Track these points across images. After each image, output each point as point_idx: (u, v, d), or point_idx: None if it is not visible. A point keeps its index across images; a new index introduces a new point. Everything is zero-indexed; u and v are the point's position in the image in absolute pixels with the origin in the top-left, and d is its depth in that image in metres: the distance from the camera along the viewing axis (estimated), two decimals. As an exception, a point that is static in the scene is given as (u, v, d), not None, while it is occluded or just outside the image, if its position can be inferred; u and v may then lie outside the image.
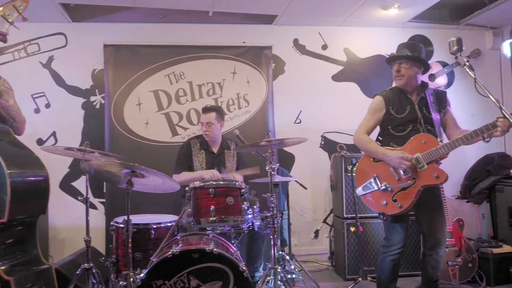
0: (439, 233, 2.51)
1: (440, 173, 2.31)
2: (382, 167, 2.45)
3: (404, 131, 2.46)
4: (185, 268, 2.15)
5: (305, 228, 4.19)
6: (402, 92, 2.55)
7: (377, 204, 2.46)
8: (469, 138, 2.23)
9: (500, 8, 3.99)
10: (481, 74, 4.38)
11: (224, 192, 2.46)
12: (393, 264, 2.49)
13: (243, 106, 3.98)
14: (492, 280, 3.29)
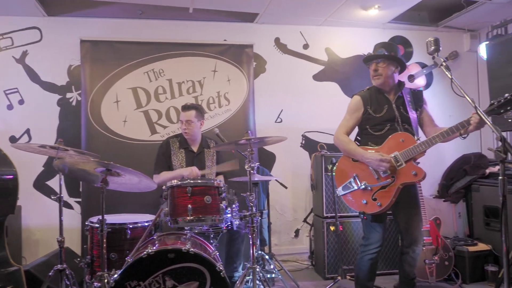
0: (416, 231, 2.53)
1: (418, 171, 2.34)
2: (361, 166, 2.46)
3: (382, 130, 2.48)
4: (160, 268, 2.10)
5: (286, 228, 4.17)
6: (380, 91, 2.57)
7: (357, 204, 2.47)
8: (445, 135, 2.27)
9: (477, 11, 4.06)
10: (458, 76, 4.45)
11: (201, 191, 2.41)
12: (371, 263, 2.51)
13: (224, 105, 3.94)
14: (468, 278, 3.34)
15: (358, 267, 2.58)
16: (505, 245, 1.91)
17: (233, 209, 2.61)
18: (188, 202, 2.37)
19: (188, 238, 2.39)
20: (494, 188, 3.58)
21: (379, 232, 2.48)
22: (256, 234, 3.08)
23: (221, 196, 2.49)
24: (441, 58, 2.25)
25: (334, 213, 3.51)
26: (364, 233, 2.57)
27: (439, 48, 2.26)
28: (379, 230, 2.48)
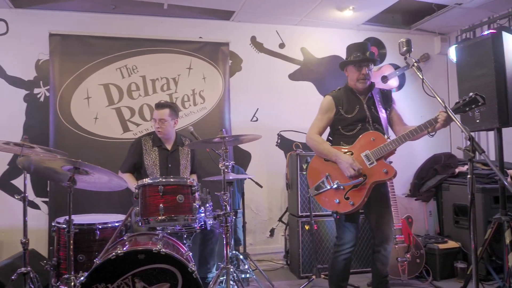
0: (387, 229, 2.56)
1: (389, 169, 2.36)
2: (333, 166, 2.45)
3: (354, 130, 2.49)
4: (130, 270, 2.02)
5: (261, 227, 4.14)
6: (352, 91, 2.57)
7: (330, 203, 2.45)
8: (414, 133, 2.30)
9: (447, 15, 4.16)
10: (429, 77, 4.55)
11: (174, 190, 2.35)
12: (345, 263, 2.51)
13: (199, 103, 3.87)
14: (438, 275, 3.41)
15: (332, 266, 2.57)
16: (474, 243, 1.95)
17: (207, 209, 2.56)
18: (160, 201, 2.30)
19: (159, 239, 2.32)
20: (463, 187, 3.67)
21: (352, 232, 2.48)
22: (230, 234, 3.04)
23: (194, 195, 2.43)
24: (413, 58, 2.29)
25: (309, 212, 3.51)
26: (338, 233, 2.56)
27: (411, 49, 2.29)
28: (352, 230, 2.48)
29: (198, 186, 2.49)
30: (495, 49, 2.85)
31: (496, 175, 3.51)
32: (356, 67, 2.50)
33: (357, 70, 2.50)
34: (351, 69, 2.54)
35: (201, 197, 2.51)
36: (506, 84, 2.81)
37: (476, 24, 4.25)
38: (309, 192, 2.52)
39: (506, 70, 2.83)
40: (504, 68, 2.82)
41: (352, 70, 2.53)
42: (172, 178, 2.42)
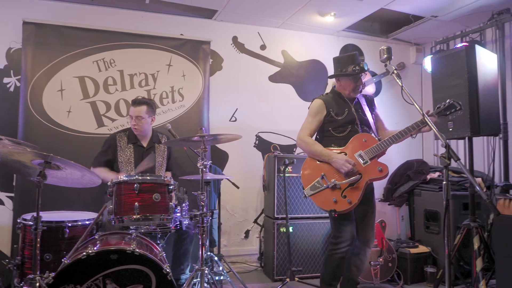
0: (370, 231, 2.60)
1: (383, 167, 2.44)
2: (327, 166, 2.48)
3: (344, 132, 2.55)
4: (101, 270, 1.92)
5: (236, 228, 4.08)
6: (340, 95, 2.64)
7: (327, 202, 2.44)
8: (404, 134, 2.41)
9: (423, 27, 4.26)
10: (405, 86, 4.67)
11: (150, 188, 2.26)
12: (340, 261, 2.49)
13: (177, 100, 3.78)
14: (409, 279, 3.46)
15: (326, 264, 2.56)
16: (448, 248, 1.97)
17: (183, 208, 2.48)
18: (135, 199, 2.20)
19: (133, 238, 2.22)
20: (434, 193, 3.76)
21: (349, 231, 2.48)
22: (206, 235, 2.97)
23: (171, 195, 2.35)
24: (393, 66, 2.32)
25: (285, 215, 3.48)
26: (334, 231, 2.54)
27: (391, 57, 2.33)
28: (350, 228, 2.49)
29: (175, 185, 2.41)
30: (468, 61, 2.94)
31: (466, 182, 3.62)
32: (352, 79, 2.57)
33: (353, 82, 2.58)
34: (346, 80, 2.59)
35: (178, 196, 2.44)
36: (478, 95, 2.90)
37: (449, 37, 4.38)
38: (304, 193, 2.50)
39: (478, 82, 2.92)
40: (476, 80, 2.91)
41: (348, 81, 2.59)
42: (149, 176, 2.32)
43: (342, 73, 2.58)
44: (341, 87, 2.64)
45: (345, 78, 2.58)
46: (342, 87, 2.62)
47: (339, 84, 2.64)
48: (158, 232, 2.56)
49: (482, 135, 3.05)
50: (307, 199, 3.61)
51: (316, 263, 3.62)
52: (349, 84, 2.58)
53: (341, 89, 2.64)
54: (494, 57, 3.19)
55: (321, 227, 3.67)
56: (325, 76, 4.44)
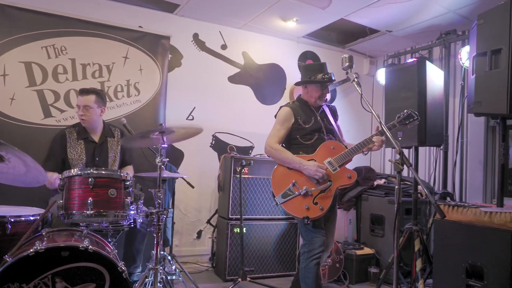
0: (330, 237, 2.72)
1: (352, 174, 2.54)
2: (298, 173, 2.51)
3: (312, 140, 2.62)
4: (50, 268, 1.82)
5: (188, 228, 4.04)
6: (306, 104, 2.72)
7: (299, 210, 2.45)
8: (365, 144, 2.50)
9: (377, 40, 4.54)
10: (357, 96, 4.92)
11: (106, 183, 2.18)
12: (317, 267, 2.51)
13: (133, 95, 3.67)
14: (354, 279, 3.64)
15: (305, 275, 2.52)
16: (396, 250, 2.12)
17: (139, 206, 2.42)
18: (89, 194, 2.11)
19: (84, 235, 2.13)
20: (380, 198, 3.99)
21: (321, 237, 2.52)
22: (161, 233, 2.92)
23: (127, 191, 2.29)
24: (354, 74, 2.44)
25: (239, 215, 3.52)
26: (306, 239, 2.56)
27: (353, 65, 2.46)
28: (321, 234, 2.52)
29: (132, 181, 2.35)
30: (419, 75, 3.18)
31: (409, 189, 3.89)
32: (320, 87, 2.66)
33: (321, 89, 2.66)
34: (313, 87, 2.67)
35: (135, 193, 2.37)
36: (426, 108, 3.14)
37: (401, 52, 4.69)
38: (275, 200, 2.49)
39: (426, 95, 3.16)
40: (425, 93, 3.15)
41: (315, 89, 2.66)
42: (104, 170, 2.24)
43: (311, 80, 2.65)
44: (307, 95, 2.71)
45: (313, 86, 2.66)
46: (309, 95, 2.70)
47: (305, 91, 2.71)
48: (109, 230, 2.48)
49: (428, 146, 3.30)
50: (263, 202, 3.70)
51: (268, 263, 3.70)
52: (316, 92, 2.66)
53: (307, 97, 2.71)
54: (441, 74, 3.48)
55: (274, 228, 3.75)
56: (283, 79, 4.56)
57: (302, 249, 2.61)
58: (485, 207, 2.65)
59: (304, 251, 2.58)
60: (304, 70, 2.76)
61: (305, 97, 2.74)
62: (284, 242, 3.79)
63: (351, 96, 4.97)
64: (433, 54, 4.26)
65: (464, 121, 3.91)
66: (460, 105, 3.80)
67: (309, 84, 2.70)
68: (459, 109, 3.84)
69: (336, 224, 3.55)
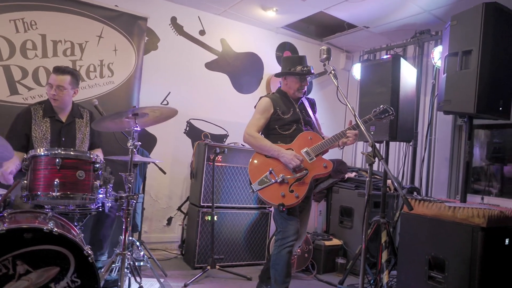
0: (303, 227, 2.74)
1: (328, 163, 2.57)
2: (275, 161, 2.54)
3: (290, 130, 2.65)
4: (11, 250, 1.74)
5: (158, 215, 3.98)
6: (286, 95, 2.75)
7: (275, 197, 2.47)
8: (341, 136, 2.53)
9: (354, 36, 4.58)
10: (331, 90, 4.97)
11: (74, 164, 2.10)
12: (289, 256, 2.53)
13: (106, 76, 3.54)
14: (322, 269, 3.71)
15: (276, 263, 2.54)
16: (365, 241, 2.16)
17: (108, 189, 2.35)
18: (56, 175, 2.03)
19: (49, 218, 2.05)
20: (350, 191, 4.07)
21: (294, 225, 2.54)
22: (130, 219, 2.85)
23: (97, 173, 2.22)
24: (331, 66, 2.46)
25: (211, 203, 3.49)
26: (280, 227, 2.58)
27: (330, 57, 2.48)
28: (294, 222, 2.54)
29: (102, 163, 2.27)
30: (393, 71, 3.23)
31: (379, 182, 3.98)
32: (299, 79, 2.68)
33: (299, 81, 2.69)
34: (292, 79, 2.69)
35: (104, 176, 2.30)
36: (398, 104, 3.21)
37: (376, 48, 4.76)
38: (252, 187, 2.50)
39: (399, 92, 3.22)
40: (398, 89, 3.22)
41: (294, 80, 2.69)
42: (73, 151, 2.15)
43: (291, 72, 2.68)
44: (286, 86, 2.74)
45: (292, 77, 2.69)
46: (288, 86, 2.72)
47: (285, 82, 2.74)
48: (76, 213, 2.40)
49: (398, 141, 3.38)
50: (235, 191, 3.68)
51: (238, 252, 3.70)
52: (295, 83, 2.69)
53: (286, 89, 2.74)
54: (414, 72, 3.55)
55: (245, 217, 3.75)
56: (260, 69, 4.54)
57: (276, 236, 2.64)
58: (449, 202, 2.74)
59: (278, 239, 2.61)
60: (285, 62, 2.78)
61: (284, 88, 2.77)
62: (255, 231, 3.80)
63: (327, 89, 5.01)
64: (407, 52, 4.35)
65: (434, 119, 4.03)
66: (430, 103, 3.91)
67: (288, 75, 2.72)
68: (429, 107, 3.95)
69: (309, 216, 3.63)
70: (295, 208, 2.60)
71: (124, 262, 2.34)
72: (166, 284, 3.03)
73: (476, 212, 2.40)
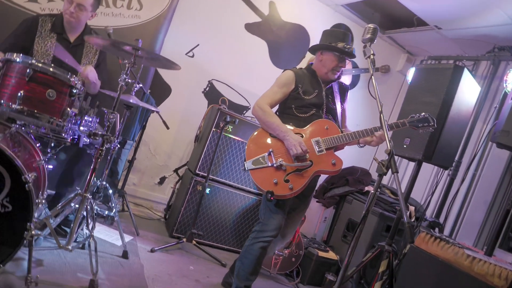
0: (291, 227, 2.56)
1: (337, 161, 2.32)
2: (279, 143, 2.34)
3: (307, 113, 2.43)
4: None
5: (152, 171, 3.83)
6: (314, 75, 2.50)
7: (266, 182, 2.27)
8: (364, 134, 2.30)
9: (421, 36, 4.11)
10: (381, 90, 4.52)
11: (46, 81, 1.93)
12: (261, 251, 2.34)
13: (134, 8, 3.37)
14: (307, 279, 3.42)
15: (245, 256, 2.37)
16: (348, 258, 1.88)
17: (85, 121, 2.19)
18: (23, 87, 1.87)
19: (11, 133, 1.92)
20: (364, 205, 3.70)
21: (278, 220, 2.33)
22: (106, 161, 2.71)
23: (72, 99, 2.05)
24: (372, 50, 2.11)
25: (206, 173, 3.27)
26: (262, 217, 2.39)
27: (374, 39, 2.13)
28: (279, 217, 2.34)
29: (82, 90, 2.10)
30: (451, 81, 2.80)
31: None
32: (338, 57, 2.43)
33: (337, 60, 2.43)
34: (330, 56, 2.44)
35: (82, 106, 2.13)
36: (446, 121, 2.79)
37: (443, 56, 4.26)
38: (245, 165, 2.32)
39: (451, 107, 2.80)
40: (451, 104, 2.79)
41: (331, 58, 2.44)
42: (53, 67, 1.98)
43: (331, 46, 2.41)
44: (320, 64, 2.48)
45: (330, 54, 2.43)
46: (322, 64, 2.47)
47: (319, 58, 2.48)
48: (50, 139, 2.27)
49: (433, 164, 2.97)
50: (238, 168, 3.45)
51: (221, 233, 3.49)
52: (332, 62, 2.42)
53: (319, 66, 2.49)
54: (477, 90, 3.09)
55: (239, 199, 3.51)
56: (305, 46, 4.20)
57: (255, 227, 2.44)
58: (470, 250, 2.37)
59: (255, 230, 2.42)
60: (325, 35, 2.50)
61: (316, 66, 2.51)
62: (246, 218, 3.56)
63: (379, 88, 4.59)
64: (478, 68, 3.84)
65: (486, 151, 3.54)
66: (486, 133, 3.42)
67: (326, 51, 2.45)
68: (484, 137, 3.47)
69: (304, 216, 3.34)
70: (285, 202, 2.36)
71: (83, 204, 2.18)
72: (131, 243, 2.88)
73: (498, 271, 2.04)
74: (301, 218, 2.66)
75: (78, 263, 2.27)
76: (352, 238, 1.89)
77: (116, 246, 2.71)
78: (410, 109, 2.95)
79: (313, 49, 2.54)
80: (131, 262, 2.54)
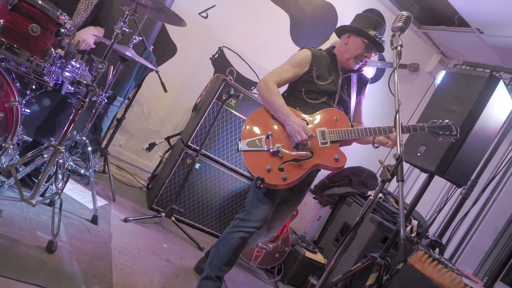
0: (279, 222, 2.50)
1: (341, 157, 2.20)
2: (280, 127, 2.25)
3: (317, 100, 2.32)
4: None
5: (142, 134, 3.75)
6: (333, 59, 2.39)
7: (259, 167, 2.18)
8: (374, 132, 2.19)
9: (461, 37, 3.94)
10: (404, 90, 4.40)
11: (32, 14, 1.84)
12: (240, 242, 2.26)
13: (149, -47, 3.23)
14: (287, 279, 3.36)
15: (222, 243, 2.30)
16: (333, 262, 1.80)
17: (71, 67, 2.10)
18: (3, 16, 1.78)
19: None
20: (363, 210, 3.62)
21: (265, 210, 2.25)
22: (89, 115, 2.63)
23: (59, 40, 1.95)
24: (400, 40, 1.98)
25: (199, 147, 3.19)
26: (248, 205, 2.31)
27: (406, 29, 2.00)
28: (267, 208, 2.25)
29: (71, 31, 2.00)
30: (483, 91, 2.66)
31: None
32: (366, 45, 2.30)
33: (364, 48, 2.31)
34: (357, 42, 2.31)
35: (68, 49, 2.03)
36: (469, 134, 2.67)
37: (480, 63, 4.08)
38: (238, 145, 2.22)
39: (478, 120, 2.67)
40: (478, 117, 2.66)
41: (359, 44, 2.31)
42: (44, 1, 1.87)
43: (361, 30, 2.28)
44: (343, 47, 2.36)
45: (358, 39, 2.30)
46: (346, 48, 2.34)
47: (345, 42, 2.35)
48: (32, 80, 2.19)
49: (446, 179, 2.86)
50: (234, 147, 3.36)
51: (205, 214, 3.42)
52: (357, 48, 2.30)
53: (341, 50, 2.37)
54: (510, 107, 2.95)
55: (231, 181, 3.43)
56: (331, 27, 4.04)
57: (238, 214, 2.37)
58: (469, 279, 2.29)
59: (238, 217, 2.35)
60: (358, 18, 2.38)
61: (339, 50, 2.39)
62: (235, 202, 3.49)
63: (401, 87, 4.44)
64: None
65: (506, 175, 3.42)
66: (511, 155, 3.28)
67: (355, 34, 2.32)
68: (507, 159, 3.33)
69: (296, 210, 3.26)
70: (276, 193, 2.28)
71: (54, 156, 2.11)
72: (105, 208, 2.82)
73: (494, 308, 1.95)
74: (292, 212, 2.58)
75: (40, 220, 2.21)
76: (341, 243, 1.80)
77: (87, 208, 2.65)
78: (432, 114, 2.83)
79: (342, 29, 2.41)
80: (99, 228, 2.48)
